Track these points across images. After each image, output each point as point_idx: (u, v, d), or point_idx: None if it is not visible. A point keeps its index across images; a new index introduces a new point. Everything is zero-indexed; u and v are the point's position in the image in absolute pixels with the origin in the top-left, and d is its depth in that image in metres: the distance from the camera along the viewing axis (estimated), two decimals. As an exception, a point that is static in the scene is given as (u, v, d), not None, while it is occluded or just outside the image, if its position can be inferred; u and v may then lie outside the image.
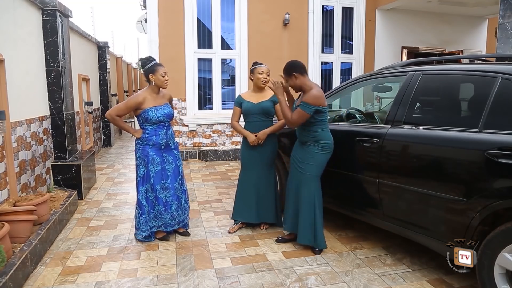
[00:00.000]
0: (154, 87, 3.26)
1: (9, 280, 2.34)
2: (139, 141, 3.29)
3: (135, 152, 3.34)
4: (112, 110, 3.25)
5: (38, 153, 4.23)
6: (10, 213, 2.96)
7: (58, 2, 4.45)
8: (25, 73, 3.96)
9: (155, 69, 3.20)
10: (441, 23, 8.59)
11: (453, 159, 2.45)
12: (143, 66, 3.26)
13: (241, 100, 3.51)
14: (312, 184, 3.02)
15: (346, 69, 8.31)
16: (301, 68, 3.00)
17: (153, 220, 3.32)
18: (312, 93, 2.88)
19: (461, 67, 2.80)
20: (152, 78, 3.20)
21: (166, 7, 6.87)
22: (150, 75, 3.21)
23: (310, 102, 2.85)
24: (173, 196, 3.34)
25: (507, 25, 4.64)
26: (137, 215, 3.34)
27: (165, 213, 3.31)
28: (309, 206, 3.02)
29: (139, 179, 3.31)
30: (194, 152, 7.21)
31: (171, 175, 3.33)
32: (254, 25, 7.33)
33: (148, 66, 3.22)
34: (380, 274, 2.77)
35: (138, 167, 3.31)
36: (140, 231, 3.32)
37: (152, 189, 3.28)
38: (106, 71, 8.56)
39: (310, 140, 2.99)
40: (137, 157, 3.32)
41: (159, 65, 3.25)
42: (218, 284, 2.63)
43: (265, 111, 3.43)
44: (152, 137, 3.25)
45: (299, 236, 3.09)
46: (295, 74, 2.98)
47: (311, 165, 3.00)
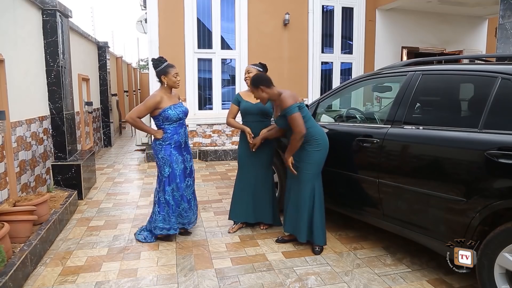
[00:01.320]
0: (167, 88, 3.28)
1: (9, 280, 2.34)
2: (160, 141, 3.24)
3: (156, 154, 3.27)
4: (132, 113, 3.19)
5: (38, 153, 4.23)
6: (10, 213, 2.96)
7: (58, 2, 4.45)
8: (25, 73, 3.96)
9: (167, 70, 3.23)
10: (441, 23, 8.59)
11: (453, 159, 2.45)
12: (155, 68, 3.27)
13: (240, 99, 3.51)
14: (311, 183, 3.03)
15: (346, 69, 8.31)
16: (268, 81, 3.05)
17: (179, 218, 3.35)
18: (285, 96, 2.93)
19: (461, 67, 2.80)
20: (164, 79, 3.24)
21: (166, 7, 6.87)
22: (162, 77, 3.24)
23: (289, 103, 2.89)
24: (193, 194, 3.47)
25: (507, 25, 4.64)
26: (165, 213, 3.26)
27: (189, 210, 3.38)
28: (308, 204, 3.04)
29: (165, 179, 3.25)
30: (194, 152, 7.20)
31: (189, 173, 3.42)
32: (254, 25, 7.33)
33: (160, 68, 3.24)
34: (380, 274, 2.77)
35: (162, 168, 3.25)
36: (172, 229, 3.27)
37: (178, 188, 3.29)
38: (106, 71, 8.57)
39: (305, 140, 2.98)
40: (160, 158, 3.25)
41: (171, 66, 3.27)
42: (218, 284, 2.63)
43: (263, 111, 3.43)
44: (174, 136, 3.25)
45: (299, 235, 3.10)
46: (261, 87, 3.02)
47: (309, 163, 3.01)
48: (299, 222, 3.08)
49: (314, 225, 3.06)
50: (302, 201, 3.04)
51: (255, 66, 3.50)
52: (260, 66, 3.51)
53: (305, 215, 3.04)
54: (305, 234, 3.07)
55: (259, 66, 3.50)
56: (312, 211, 3.05)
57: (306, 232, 3.07)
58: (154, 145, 3.30)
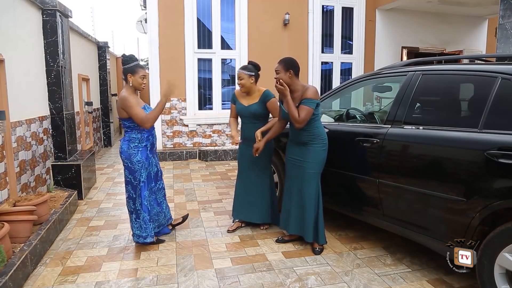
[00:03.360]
0: (132, 88, 3.12)
1: (9, 280, 2.34)
2: (135, 144, 3.06)
3: (130, 158, 3.05)
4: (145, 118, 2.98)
5: (38, 153, 4.23)
6: (10, 213, 2.96)
7: (58, 2, 4.45)
8: (25, 73, 3.96)
9: (136, 70, 3.07)
10: (441, 23, 8.58)
11: (453, 159, 2.45)
12: (123, 64, 3.12)
13: (235, 98, 3.54)
14: (315, 182, 3.06)
15: (346, 69, 8.31)
16: (298, 69, 3.06)
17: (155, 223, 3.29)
18: (311, 89, 2.96)
19: (461, 67, 2.80)
20: (130, 78, 3.08)
21: (166, 7, 6.87)
22: (129, 75, 3.07)
23: (312, 97, 2.91)
24: (164, 196, 3.42)
25: (507, 25, 4.64)
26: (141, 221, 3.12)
27: (161, 214, 3.34)
28: (314, 204, 3.05)
29: (142, 184, 3.10)
30: (194, 152, 7.20)
31: (160, 175, 3.38)
32: (254, 25, 7.33)
33: (128, 66, 3.08)
34: (380, 274, 2.77)
35: (138, 172, 3.08)
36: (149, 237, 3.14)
37: (151, 192, 3.23)
38: (106, 71, 8.57)
39: (312, 138, 3.00)
40: (135, 162, 3.05)
41: (141, 66, 3.12)
42: (218, 284, 2.63)
43: (253, 114, 3.41)
44: (149, 137, 3.15)
45: (306, 235, 3.10)
46: (291, 71, 3.00)
47: (313, 162, 3.02)
48: (305, 222, 3.08)
49: (319, 227, 3.07)
50: (307, 200, 3.05)
51: (246, 70, 3.36)
52: (251, 68, 3.38)
53: (312, 215, 3.05)
54: (311, 234, 3.08)
55: (250, 70, 3.37)
56: (317, 212, 3.07)
57: (312, 231, 3.08)
58: (128, 148, 3.06)
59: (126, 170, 3.13)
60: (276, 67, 3.06)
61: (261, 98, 3.39)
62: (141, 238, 3.15)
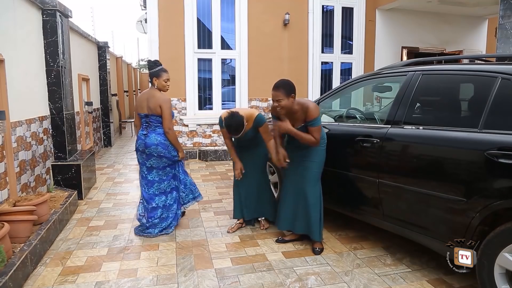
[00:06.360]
0: (156, 90, 3.47)
1: (9, 280, 2.34)
2: (168, 142, 3.44)
3: (168, 148, 3.45)
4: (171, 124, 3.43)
5: (38, 153, 4.23)
6: (10, 213, 2.96)
7: (58, 2, 4.45)
8: (25, 73, 3.96)
9: (160, 74, 3.45)
10: (441, 23, 8.58)
11: (453, 159, 2.45)
12: (149, 69, 3.50)
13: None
14: (317, 182, 3.09)
15: (346, 69, 8.31)
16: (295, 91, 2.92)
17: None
18: (311, 107, 2.90)
19: (461, 67, 2.80)
20: (155, 81, 3.45)
21: (166, 7, 6.87)
22: (154, 78, 3.44)
23: (317, 115, 2.90)
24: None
25: (507, 25, 4.64)
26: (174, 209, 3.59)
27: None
28: (319, 202, 3.09)
29: (180, 169, 3.65)
30: (194, 152, 7.21)
31: None
32: (254, 25, 7.33)
33: (154, 70, 3.46)
34: (380, 274, 2.77)
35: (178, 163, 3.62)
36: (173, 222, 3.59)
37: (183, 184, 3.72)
38: (106, 71, 8.56)
39: None
40: (172, 150, 3.48)
41: (165, 71, 3.50)
42: (218, 284, 2.63)
43: (250, 140, 3.40)
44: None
45: (314, 234, 3.11)
46: (293, 95, 2.90)
47: (317, 162, 3.06)
48: (311, 221, 3.09)
49: (321, 225, 3.11)
50: (313, 200, 3.06)
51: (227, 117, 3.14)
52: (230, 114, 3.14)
53: (318, 214, 3.08)
54: (318, 233, 3.10)
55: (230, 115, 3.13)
56: (320, 211, 3.10)
57: (319, 230, 3.11)
58: (165, 140, 3.44)
59: (161, 163, 3.48)
60: (275, 95, 2.84)
61: (254, 124, 3.28)
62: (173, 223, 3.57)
